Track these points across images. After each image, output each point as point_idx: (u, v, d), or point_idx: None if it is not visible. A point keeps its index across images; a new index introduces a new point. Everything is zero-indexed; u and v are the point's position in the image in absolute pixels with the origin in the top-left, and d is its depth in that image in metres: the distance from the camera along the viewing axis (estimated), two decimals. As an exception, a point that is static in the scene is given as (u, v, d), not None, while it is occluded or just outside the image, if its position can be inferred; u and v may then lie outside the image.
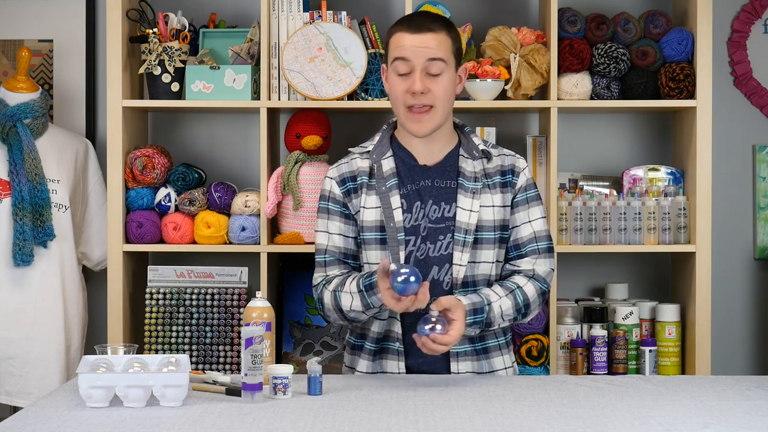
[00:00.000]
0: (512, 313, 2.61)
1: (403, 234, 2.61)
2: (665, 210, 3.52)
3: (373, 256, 2.64)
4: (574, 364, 3.49)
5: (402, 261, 2.60)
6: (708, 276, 3.48)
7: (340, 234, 2.67)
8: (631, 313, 3.54)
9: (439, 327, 2.44)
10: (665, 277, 3.84)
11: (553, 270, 2.69)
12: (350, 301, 2.57)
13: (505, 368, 2.69)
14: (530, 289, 2.63)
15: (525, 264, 2.66)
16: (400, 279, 2.41)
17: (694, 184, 3.50)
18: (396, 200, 2.62)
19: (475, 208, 2.62)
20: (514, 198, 2.68)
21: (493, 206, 2.65)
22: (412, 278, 2.41)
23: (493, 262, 2.64)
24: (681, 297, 3.64)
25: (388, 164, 2.66)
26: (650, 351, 3.52)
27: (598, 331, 3.49)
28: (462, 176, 2.65)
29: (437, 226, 2.62)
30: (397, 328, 2.63)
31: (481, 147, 2.68)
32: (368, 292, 2.53)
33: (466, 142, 2.70)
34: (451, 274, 2.60)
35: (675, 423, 2.11)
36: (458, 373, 2.62)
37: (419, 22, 2.61)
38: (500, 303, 2.58)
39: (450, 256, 2.61)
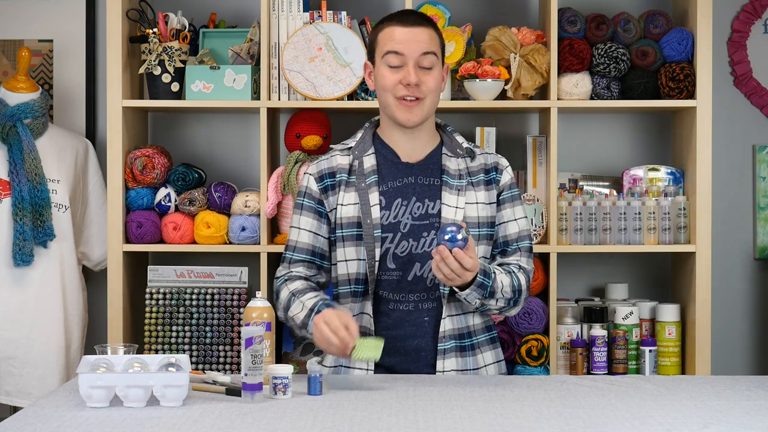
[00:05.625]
0: (509, 293, 2.59)
1: (380, 231, 2.61)
2: (665, 210, 3.52)
3: (348, 253, 2.64)
4: (574, 364, 3.49)
5: (377, 258, 2.60)
6: (708, 276, 3.48)
7: (309, 231, 2.68)
8: (631, 313, 3.54)
9: (461, 241, 2.42)
10: (665, 277, 3.84)
11: (533, 269, 2.71)
12: (298, 310, 2.58)
13: (486, 365, 2.67)
14: (522, 277, 2.64)
15: (511, 259, 2.67)
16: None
17: (694, 184, 3.50)
18: (374, 197, 2.63)
19: (460, 205, 2.63)
20: (499, 195, 2.69)
21: (477, 203, 2.66)
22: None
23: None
24: (681, 297, 3.64)
25: (369, 161, 2.67)
26: (650, 351, 3.52)
27: (598, 331, 3.49)
28: (446, 174, 2.66)
29: (421, 222, 2.62)
30: (368, 323, 2.62)
31: (465, 145, 2.70)
32: (315, 314, 2.53)
33: (449, 141, 2.71)
34: None
35: (675, 423, 2.11)
36: (444, 371, 2.61)
37: (410, 17, 2.66)
38: (501, 278, 2.58)
39: None
